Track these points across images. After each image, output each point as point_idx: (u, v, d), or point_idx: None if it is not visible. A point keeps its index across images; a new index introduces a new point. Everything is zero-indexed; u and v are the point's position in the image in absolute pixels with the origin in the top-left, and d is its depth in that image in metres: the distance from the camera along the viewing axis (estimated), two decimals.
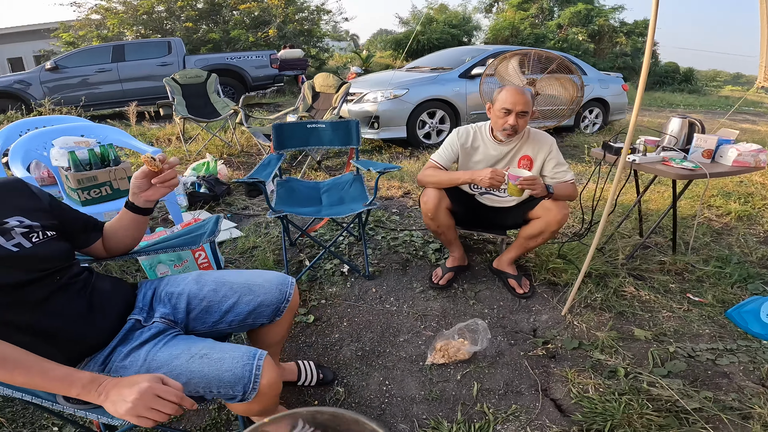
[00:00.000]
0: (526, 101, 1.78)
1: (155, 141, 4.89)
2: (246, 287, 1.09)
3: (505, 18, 16.83)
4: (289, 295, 1.12)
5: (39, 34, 12.93)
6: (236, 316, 1.07)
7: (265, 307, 1.09)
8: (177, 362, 0.90)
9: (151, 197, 1.05)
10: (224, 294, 1.07)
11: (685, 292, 2.02)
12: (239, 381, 0.87)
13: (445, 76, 4.81)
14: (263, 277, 1.13)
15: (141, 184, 1.03)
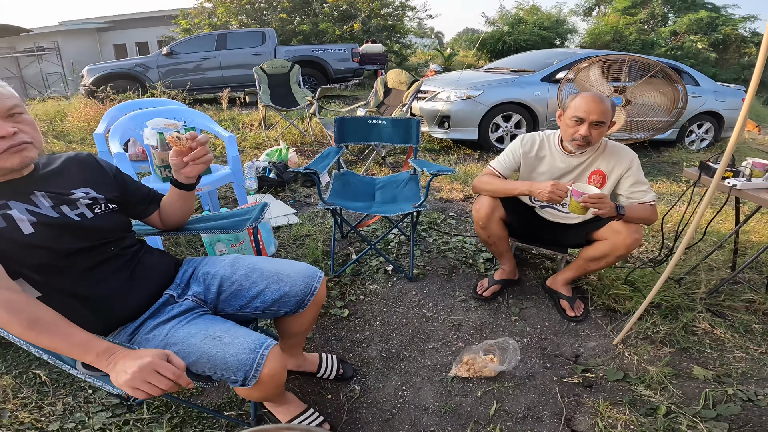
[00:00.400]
0: (604, 110, 1.61)
1: (240, 125, 5.30)
2: (275, 276, 1.13)
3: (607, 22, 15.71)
4: (315, 289, 1.15)
5: (162, 20, 14.38)
6: (262, 302, 1.11)
7: (290, 298, 1.12)
8: (192, 341, 0.95)
9: (189, 173, 1.13)
10: (254, 280, 1.12)
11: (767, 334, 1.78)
12: (241, 367, 0.91)
13: (526, 79, 4.58)
14: (294, 268, 1.16)
15: (177, 163, 1.11)
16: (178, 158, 1.10)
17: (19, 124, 0.91)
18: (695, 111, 5.06)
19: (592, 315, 1.89)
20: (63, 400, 1.39)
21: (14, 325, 0.80)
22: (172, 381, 0.79)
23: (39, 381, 1.46)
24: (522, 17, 15.95)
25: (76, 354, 0.83)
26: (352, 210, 1.95)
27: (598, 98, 1.63)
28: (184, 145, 1.07)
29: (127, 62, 7.58)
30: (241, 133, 4.86)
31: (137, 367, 0.77)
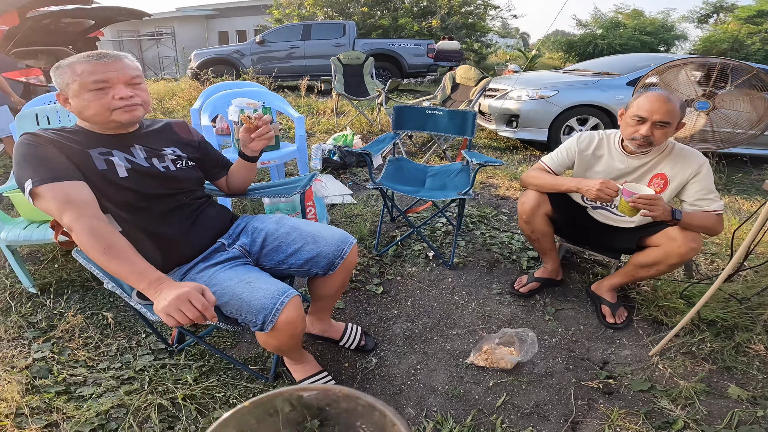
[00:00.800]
0: (669, 110, 1.51)
1: (315, 112, 5.64)
2: (312, 236, 1.27)
3: (725, 30, 14.10)
4: (345, 253, 1.27)
5: (260, 10, 15.41)
6: (297, 260, 1.25)
7: (321, 258, 1.25)
8: (228, 283, 1.09)
9: (255, 147, 1.33)
10: (294, 238, 1.27)
11: None
12: (262, 310, 1.03)
13: (609, 82, 4.31)
14: (330, 232, 1.30)
15: (245, 138, 1.31)
16: (246, 134, 1.31)
17: (137, 90, 1.14)
18: None
19: (635, 325, 1.81)
20: (119, 342, 1.61)
21: (94, 249, 0.95)
22: (200, 312, 0.88)
23: (105, 323, 1.69)
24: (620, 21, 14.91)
25: (134, 281, 0.94)
26: (399, 192, 2.06)
27: (664, 97, 1.54)
28: (252, 123, 1.28)
29: (227, 48, 8.38)
30: (315, 119, 5.20)
31: (174, 295, 0.87)
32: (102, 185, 1.08)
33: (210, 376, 1.46)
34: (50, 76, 1.14)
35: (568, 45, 15.03)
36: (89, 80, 1.06)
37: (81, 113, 1.11)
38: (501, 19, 13.95)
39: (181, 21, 16.96)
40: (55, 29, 4.90)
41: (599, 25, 15.24)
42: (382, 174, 2.26)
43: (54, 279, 1.96)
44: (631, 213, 1.50)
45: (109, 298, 1.86)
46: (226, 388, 1.41)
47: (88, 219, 0.98)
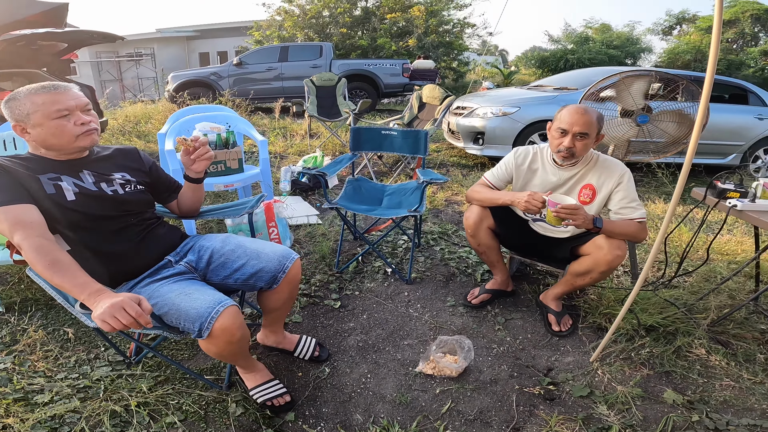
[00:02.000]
0: (587, 122, 1.63)
1: (290, 134, 5.73)
2: (255, 253, 1.36)
3: (688, 41, 14.70)
4: (287, 268, 1.36)
5: (240, 31, 15.55)
6: (241, 275, 1.34)
7: (264, 273, 1.34)
8: (169, 295, 1.18)
9: (197, 169, 1.41)
10: (239, 255, 1.36)
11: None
12: (198, 318, 1.10)
13: (567, 97, 4.50)
14: (272, 248, 1.39)
15: (186, 161, 1.39)
16: (186, 156, 1.39)
17: (91, 116, 1.24)
18: (761, 134, 4.68)
19: (579, 332, 1.90)
20: (78, 354, 1.66)
21: (39, 264, 1.04)
22: (134, 318, 0.96)
23: (66, 338, 1.75)
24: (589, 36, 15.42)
25: (76, 293, 1.03)
26: (354, 211, 2.15)
27: (582, 109, 1.66)
28: (189, 145, 1.36)
29: (204, 71, 8.46)
30: (288, 140, 5.28)
31: (109, 304, 0.95)
32: (51, 208, 1.16)
33: (165, 385, 1.52)
34: None
35: (541, 60, 15.45)
36: (53, 109, 1.16)
37: (44, 141, 1.19)
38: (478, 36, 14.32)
39: (161, 42, 17.06)
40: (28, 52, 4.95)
41: (570, 40, 15.71)
42: (340, 194, 2.35)
43: (19, 298, 2.01)
44: (557, 223, 1.60)
45: (70, 314, 1.90)
46: (180, 395, 1.47)
47: (36, 238, 1.07)
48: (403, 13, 12.03)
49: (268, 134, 5.68)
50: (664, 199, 3.80)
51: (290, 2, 13.07)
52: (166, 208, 1.56)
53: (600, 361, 1.71)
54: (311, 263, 2.39)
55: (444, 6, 12.72)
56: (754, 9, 14.34)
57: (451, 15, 13.05)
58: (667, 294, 2.09)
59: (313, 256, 2.45)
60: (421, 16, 11.58)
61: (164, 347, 1.72)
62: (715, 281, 2.27)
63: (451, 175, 4.32)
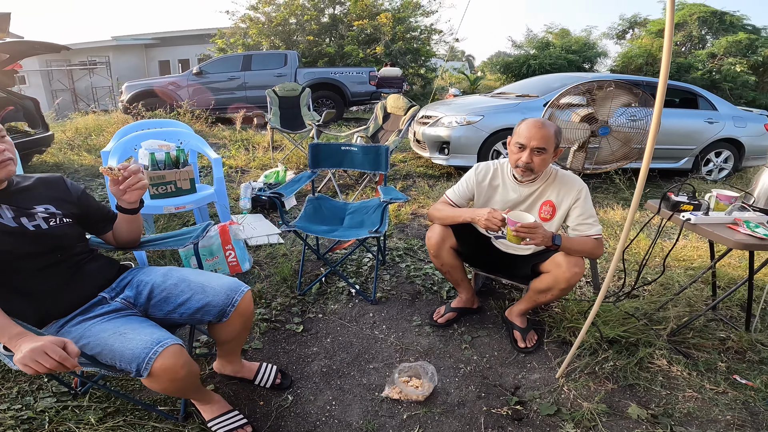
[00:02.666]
0: (544, 136, 1.61)
1: (252, 146, 5.56)
2: (200, 287, 1.28)
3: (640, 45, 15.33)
4: (236, 302, 1.28)
5: (203, 39, 15.06)
6: (186, 309, 1.26)
7: (211, 307, 1.26)
8: (102, 335, 1.10)
9: (129, 199, 1.28)
10: (182, 289, 1.28)
11: (733, 374, 1.74)
12: (134, 360, 1.04)
13: (528, 104, 4.56)
14: (219, 281, 1.31)
15: (115, 191, 1.26)
16: (114, 187, 1.26)
17: (5, 145, 1.12)
18: (712, 138, 4.87)
19: (545, 347, 1.90)
20: (20, 385, 1.56)
21: None
22: (57, 362, 0.92)
23: (6, 368, 1.63)
24: (550, 41, 15.83)
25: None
26: (313, 233, 2.07)
27: (540, 123, 1.64)
28: (116, 175, 1.23)
29: (162, 80, 8.13)
30: (251, 153, 5.11)
31: (29, 349, 0.92)
32: None
33: (116, 416, 1.43)
34: None
35: (505, 66, 15.75)
36: None
37: None
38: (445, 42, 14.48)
39: (117, 50, 16.36)
40: None
41: (532, 45, 16.10)
42: (300, 214, 2.26)
43: None
44: (517, 241, 1.57)
45: None
46: (133, 428, 1.38)
47: None
48: (370, 20, 12.03)
49: (229, 147, 5.49)
50: (623, 206, 3.91)
51: (255, 9, 12.84)
52: (102, 239, 1.43)
53: (566, 376, 1.71)
54: (272, 286, 2.29)
55: (411, 13, 12.82)
56: (701, 11, 14.77)
57: (418, 22, 13.17)
58: (627, 305, 2.11)
59: (274, 278, 2.34)
60: (388, 23, 11.62)
61: (112, 378, 1.61)
62: (673, 289, 2.32)
63: (418, 186, 4.30)
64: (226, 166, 4.53)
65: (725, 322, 2.08)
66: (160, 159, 2.38)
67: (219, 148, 5.57)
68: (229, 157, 4.95)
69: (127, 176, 1.25)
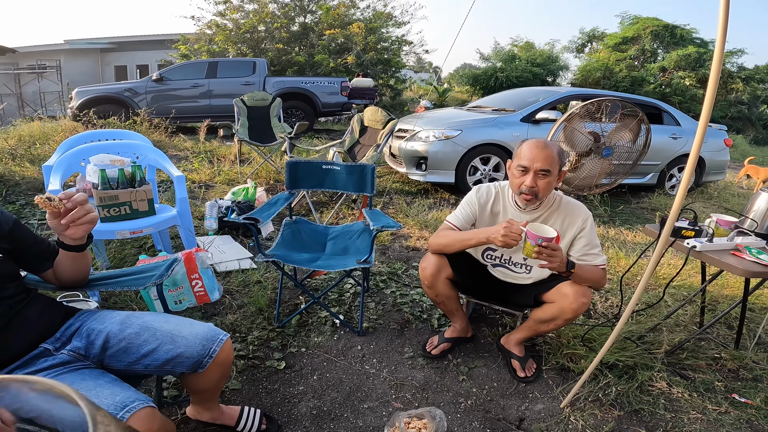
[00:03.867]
0: (548, 157, 1.50)
1: (217, 159, 5.25)
2: (169, 336, 1.09)
3: (598, 59, 15.98)
4: (214, 352, 1.11)
5: (164, 44, 14.42)
6: (153, 361, 1.07)
7: (185, 359, 1.08)
8: None
9: (74, 235, 1.06)
10: (145, 339, 1.08)
11: (732, 392, 1.72)
12: None
13: (506, 119, 4.54)
14: (191, 329, 1.11)
15: (56, 225, 1.03)
16: (55, 221, 1.03)
17: None
18: (676, 153, 4.98)
19: (545, 375, 1.81)
20: None
21: None
22: None
23: None
24: (516, 54, 16.24)
25: None
26: (293, 264, 1.87)
27: (542, 143, 1.54)
28: (57, 207, 0.99)
29: (117, 86, 7.59)
30: (216, 167, 4.79)
31: None
32: None
33: None
34: None
35: (473, 78, 16.02)
36: None
37: None
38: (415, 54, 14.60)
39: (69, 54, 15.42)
40: None
41: (499, 58, 16.46)
42: (276, 240, 2.06)
43: None
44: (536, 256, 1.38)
45: None
46: None
47: None
48: (342, 30, 11.91)
49: (192, 159, 5.14)
50: (598, 223, 3.90)
51: (223, 16, 12.46)
52: (42, 279, 1.19)
53: (571, 406, 1.62)
54: (246, 318, 2.06)
55: (383, 23, 12.83)
56: (654, 25, 15.38)
57: (389, 32, 13.18)
58: (625, 330, 2.04)
59: (249, 308, 2.12)
60: (360, 33, 11.53)
61: None
62: (662, 311, 2.29)
63: (395, 203, 4.14)
64: (189, 181, 4.20)
65: (714, 341, 2.07)
66: (113, 176, 2.10)
67: (180, 160, 5.21)
68: (192, 170, 4.62)
69: (70, 208, 1.01)
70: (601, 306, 2.39)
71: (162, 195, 3.76)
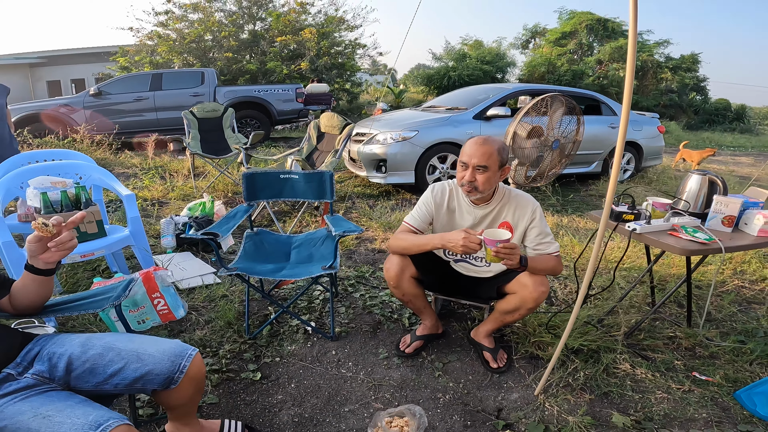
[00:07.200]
0: (485, 153, 1.55)
1: (169, 174, 5.03)
2: (135, 355, 1.07)
3: (541, 54, 16.64)
4: (184, 368, 1.09)
5: (101, 57, 13.71)
6: (122, 380, 1.06)
7: (155, 375, 1.06)
8: (20, 417, 0.89)
9: (50, 259, 1.05)
10: (110, 359, 1.06)
11: (692, 371, 1.82)
12: None
13: (459, 117, 4.66)
14: (157, 347, 1.10)
15: (36, 248, 1.03)
16: (39, 243, 1.03)
17: None
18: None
19: (516, 365, 1.87)
20: None
21: None
22: None
23: None
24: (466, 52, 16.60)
25: None
26: (257, 276, 1.84)
27: (482, 140, 1.59)
28: (50, 232, 1.00)
29: (51, 102, 7.06)
30: (168, 183, 4.59)
31: None
32: None
33: None
34: None
35: (427, 78, 16.22)
36: None
37: None
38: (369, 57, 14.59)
39: None
40: None
41: (450, 57, 16.76)
42: (239, 253, 2.01)
43: None
44: (497, 260, 1.47)
45: None
46: None
47: None
48: (294, 36, 11.72)
49: (141, 176, 4.90)
50: (552, 212, 4.07)
51: (165, 26, 11.95)
52: None
53: (544, 393, 1.69)
54: (216, 332, 2.00)
55: (335, 28, 12.76)
56: (588, 19, 16.18)
57: (342, 36, 13.12)
58: (584, 314, 2.15)
59: (217, 323, 2.06)
60: (312, 39, 11.39)
61: None
62: (616, 294, 2.41)
63: (358, 207, 4.14)
64: (140, 199, 3.99)
65: (668, 320, 2.19)
66: (55, 199, 1.99)
67: (129, 178, 4.95)
68: (143, 188, 4.40)
69: (60, 232, 1.02)
70: (561, 293, 2.51)
71: (112, 215, 3.56)
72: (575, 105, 3.25)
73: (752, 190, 2.06)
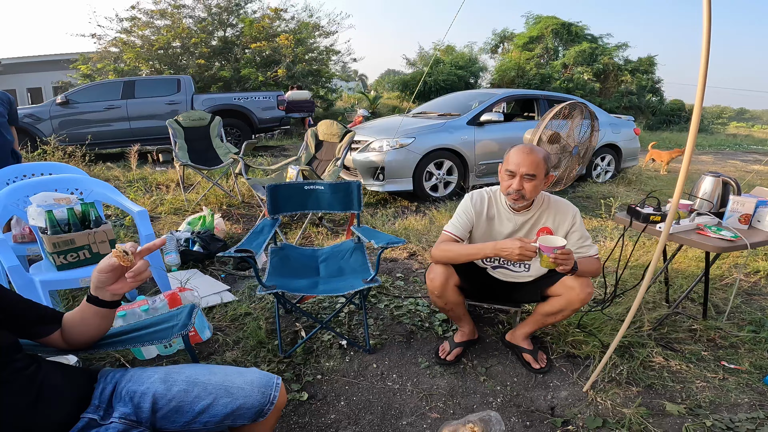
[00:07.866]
0: (533, 161, 1.58)
1: (154, 187, 4.79)
2: (223, 389, 0.98)
3: (510, 59, 17.02)
4: (274, 398, 1.02)
5: (59, 65, 13.02)
6: (212, 417, 0.97)
7: (246, 410, 0.99)
8: None
9: (120, 291, 0.97)
10: (197, 395, 0.97)
11: (719, 360, 1.90)
12: None
13: (453, 123, 4.68)
14: (243, 378, 1.01)
15: (108, 279, 0.95)
16: (110, 273, 0.93)
17: None
18: (597, 144, 5.53)
19: (556, 364, 1.90)
20: None
21: None
22: None
23: None
24: (439, 57, 16.76)
25: None
26: (295, 292, 1.77)
27: (528, 149, 1.62)
28: (130, 260, 0.92)
29: None
30: (155, 196, 4.33)
31: None
32: None
33: None
34: None
35: (403, 84, 16.24)
36: None
37: None
38: (341, 63, 14.47)
39: None
40: None
41: (424, 62, 16.87)
42: (267, 270, 1.92)
43: None
44: (553, 266, 1.46)
45: None
46: None
47: None
48: (269, 42, 11.47)
49: (125, 190, 4.65)
50: None
51: (129, 33, 11.44)
52: (41, 344, 1.02)
53: (592, 389, 1.72)
54: (247, 352, 1.90)
55: (310, 34, 12.59)
56: (553, 24, 16.60)
57: (317, 43, 12.97)
58: (612, 312, 2.20)
59: (247, 342, 1.95)
60: (288, 45, 11.18)
61: None
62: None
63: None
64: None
65: (687, 315, 2.25)
66: (62, 218, 1.84)
67: None
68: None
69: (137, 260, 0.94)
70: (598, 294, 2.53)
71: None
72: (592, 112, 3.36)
73: (758, 191, 2.19)
